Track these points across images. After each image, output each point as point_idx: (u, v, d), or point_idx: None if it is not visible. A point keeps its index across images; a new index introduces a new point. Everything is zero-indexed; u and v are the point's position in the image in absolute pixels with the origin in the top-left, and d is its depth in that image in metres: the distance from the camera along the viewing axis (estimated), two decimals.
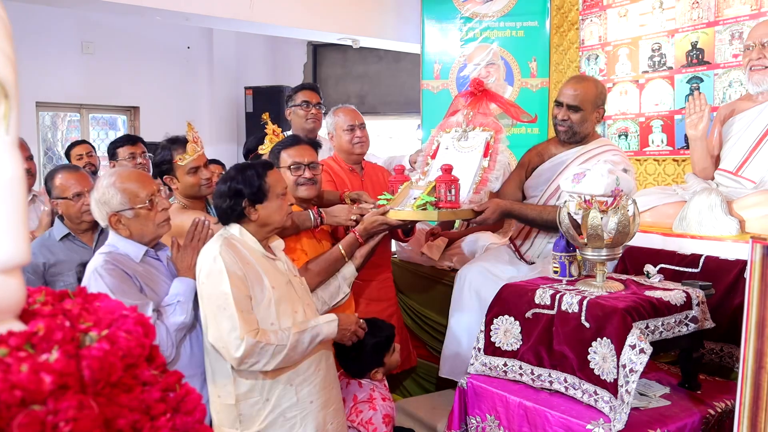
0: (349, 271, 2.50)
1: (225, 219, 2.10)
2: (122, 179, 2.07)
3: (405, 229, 2.80)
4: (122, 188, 2.04)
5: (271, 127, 2.73)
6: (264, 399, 2.00)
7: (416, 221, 2.67)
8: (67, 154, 4.46)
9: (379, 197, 2.65)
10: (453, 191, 2.48)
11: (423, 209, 2.46)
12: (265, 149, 2.79)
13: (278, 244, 2.21)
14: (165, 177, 2.65)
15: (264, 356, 1.93)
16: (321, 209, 2.55)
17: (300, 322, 2.06)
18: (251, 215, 2.07)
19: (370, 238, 2.56)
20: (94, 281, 1.94)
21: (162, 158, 2.65)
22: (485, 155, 2.63)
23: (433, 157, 2.78)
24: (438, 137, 2.85)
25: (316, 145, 2.69)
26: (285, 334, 1.98)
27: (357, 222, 2.55)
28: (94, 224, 2.71)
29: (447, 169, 2.49)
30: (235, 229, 2.09)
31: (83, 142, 4.65)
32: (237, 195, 2.05)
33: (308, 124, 3.48)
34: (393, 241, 3.38)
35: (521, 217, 2.72)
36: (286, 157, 2.54)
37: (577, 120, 2.70)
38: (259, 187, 2.06)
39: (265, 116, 2.86)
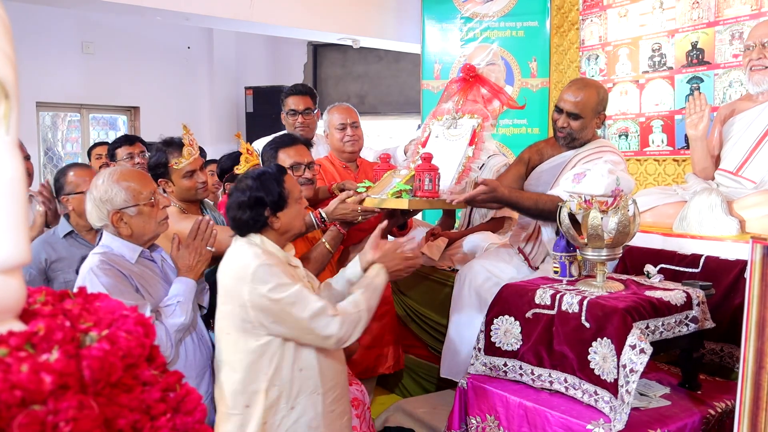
0: (353, 273, 2.25)
1: (245, 230, 2.00)
2: (124, 177, 2.05)
3: (398, 224, 2.77)
4: (126, 186, 2.03)
5: (244, 146, 2.70)
6: (289, 407, 1.95)
7: (408, 211, 2.59)
8: (89, 153, 4.63)
9: (358, 184, 2.64)
10: (430, 180, 2.44)
11: (398, 197, 2.43)
12: (241, 168, 2.76)
13: (292, 251, 2.15)
14: (160, 180, 2.62)
15: (352, 325, 1.91)
16: (320, 210, 2.52)
17: (356, 291, 2.02)
18: (274, 224, 1.98)
19: (349, 225, 2.52)
20: (90, 281, 1.92)
21: (157, 161, 2.62)
22: (471, 143, 2.60)
23: (424, 145, 2.77)
24: (430, 125, 2.84)
25: (309, 144, 2.69)
26: (352, 299, 1.98)
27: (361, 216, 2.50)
28: None
29: (426, 158, 2.46)
30: (256, 239, 1.99)
31: (105, 143, 4.73)
32: (258, 204, 1.95)
33: (296, 132, 3.42)
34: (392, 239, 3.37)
35: (517, 205, 2.63)
36: (285, 158, 2.51)
37: (577, 127, 2.67)
38: (279, 194, 1.97)
39: (238, 135, 2.83)
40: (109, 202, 2.02)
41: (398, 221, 2.68)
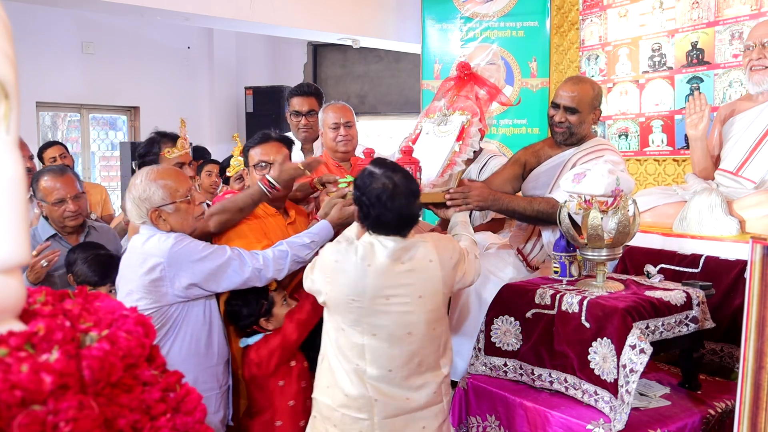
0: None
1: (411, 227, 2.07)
2: (161, 176, 2.11)
3: None
4: (163, 184, 2.08)
5: (239, 147, 2.68)
6: None
7: None
8: (40, 156, 4.31)
9: (340, 180, 2.61)
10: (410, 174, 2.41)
11: None
12: (231, 171, 2.73)
13: None
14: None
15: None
16: (268, 176, 2.41)
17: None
18: None
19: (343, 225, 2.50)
20: (179, 245, 2.02)
21: (148, 148, 2.64)
22: (458, 139, 2.57)
23: (414, 142, 2.75)
24: (421, 123, 2.83)
25: (288, 141, 2.63)
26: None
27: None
28: (79, 226, 2.71)
29: (406, 152, 2.43)
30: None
31: (56, 143, 4.49)
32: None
33: (299, 134, 3.40)
34: None
35: (509, 209, 2.60)
36: (253, 155, 2.49)
37: (575, 121, 2.66)
38: None
39: (235, 136, 2.81)
40: (148, 200, 2.07)
41: None
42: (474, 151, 3.37)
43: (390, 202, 1.89)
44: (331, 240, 2.33)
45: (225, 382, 2.24)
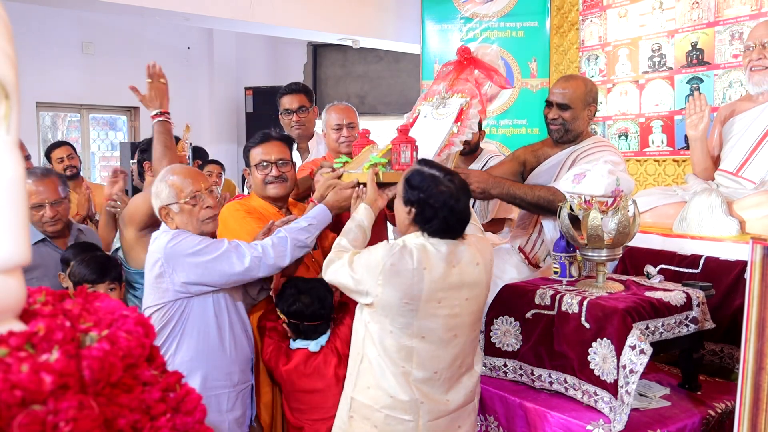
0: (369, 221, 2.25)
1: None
2: (174, 174, 2.13)
3: (388, 204, 2.67)
4: (171, 182, 2.10)
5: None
6: None
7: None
8: (48, 156, 4.29)
9: (335, 160, 2.59)
10: (407, 153, 2.38)
11: (375, 172, 2.37)
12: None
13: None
14: (145, 162, 2.68)
15: None
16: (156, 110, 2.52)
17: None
18: None
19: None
20: (174, 240, 2.04)
21: (149, 146, 2.68)
22: (457, 120, 2.57)
23: (411, 126, 2.75)
24: (419, 106, 2.82)
25: (289, 140, 2.62)
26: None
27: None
28: (65, 230, 2.69)
29: (402, 131, 2.42)
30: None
31: (64, 143, 4.45)
32: None
33: (293, 132, 3.40)
34: (391, 229, 3.33)
35: (510, 193, 2.59)
36: (255, 155, 2.50)
37: (569, 118, 2.66)
38: None
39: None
40: (157, 196, 2.10)
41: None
42: (474, 148, 3.39)
43: (456, 206, 1.88)
44: (330, 224, 2.35)
45: (240, 380, 2.20)
